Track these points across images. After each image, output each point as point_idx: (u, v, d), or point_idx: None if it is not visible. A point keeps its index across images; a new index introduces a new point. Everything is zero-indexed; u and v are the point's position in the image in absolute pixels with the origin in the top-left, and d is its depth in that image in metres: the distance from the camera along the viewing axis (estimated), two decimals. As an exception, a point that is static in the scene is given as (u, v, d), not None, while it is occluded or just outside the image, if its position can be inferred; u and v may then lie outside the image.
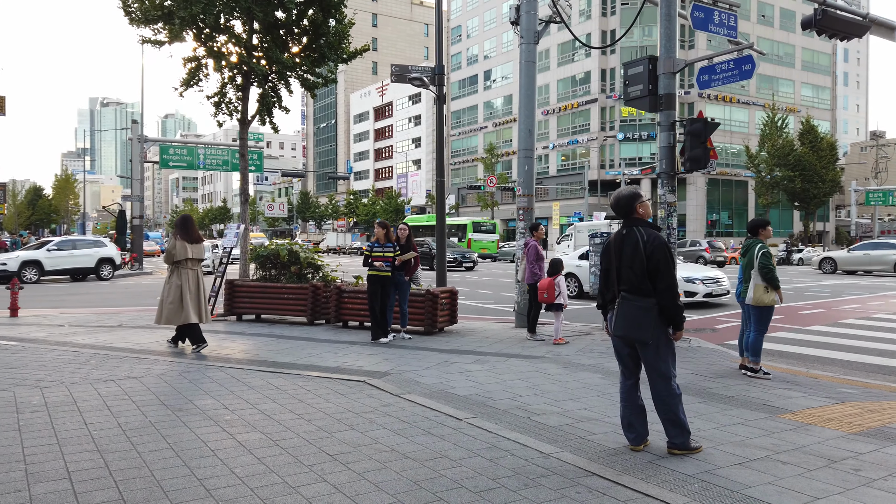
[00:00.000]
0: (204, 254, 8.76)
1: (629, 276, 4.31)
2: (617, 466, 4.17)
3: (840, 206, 72.31)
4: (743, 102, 59.21)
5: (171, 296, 8.34)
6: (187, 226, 8.60)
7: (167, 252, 8.46)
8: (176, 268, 8.44)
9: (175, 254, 8.36)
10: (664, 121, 9.39)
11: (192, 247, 8.50)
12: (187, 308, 8.31)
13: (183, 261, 8.41)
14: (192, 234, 8.56)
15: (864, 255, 26.24)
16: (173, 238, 8.48)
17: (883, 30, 11.84)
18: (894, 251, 25.52)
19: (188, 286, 8.37)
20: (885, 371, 7.88)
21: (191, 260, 8.48)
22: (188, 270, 8.45)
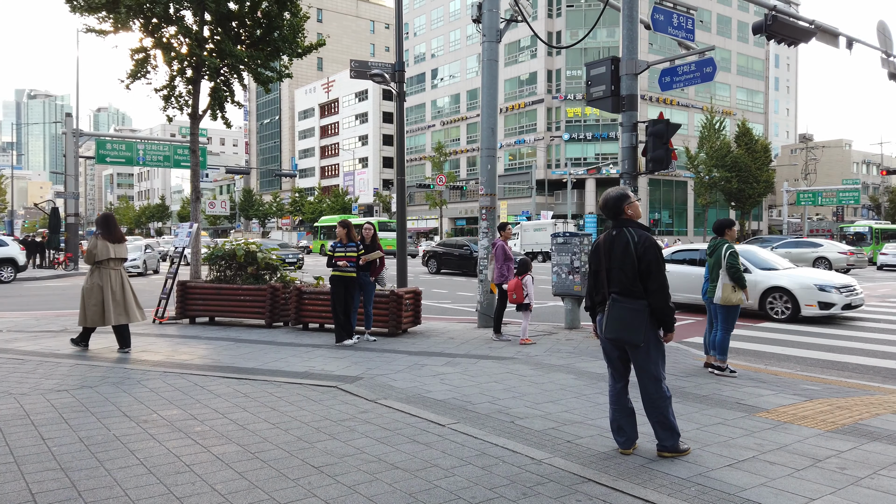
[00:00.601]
0: (126, 254, 8.59)
1: (620, 277, 4.27)
2: (611, 471, 4.12)
3: (772, 206, 75.46)
4: (683, 105, 61.06)
5: (93, 297, 8.13)
6: (109, 225, 8.42)
7: (88, 252, 8.21)
8: (97, 268, 8.21)
9: (97, 253, 8.15)
10: (626, 121, 9.49)
11: (115, 246, 8.30)
12: (109, 310, 8.11)
13: (105, 261, 8.20)
14: (115, 233, 8.38)
15: (787, 252, 27.63)
16: (94, 237, 8.24)
17: (827, 36, 12.31)
18: (813, 249, 27.02)
19: (110, 287, 8.17)
20: (838, 367, 8.16)
21: (113, 260, 8.29)
22: (110, 271, 8.25)
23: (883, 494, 3.75)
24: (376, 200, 70.98)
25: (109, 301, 8.11)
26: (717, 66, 9.23)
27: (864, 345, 9.59)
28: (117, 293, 8.22)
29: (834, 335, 10.50)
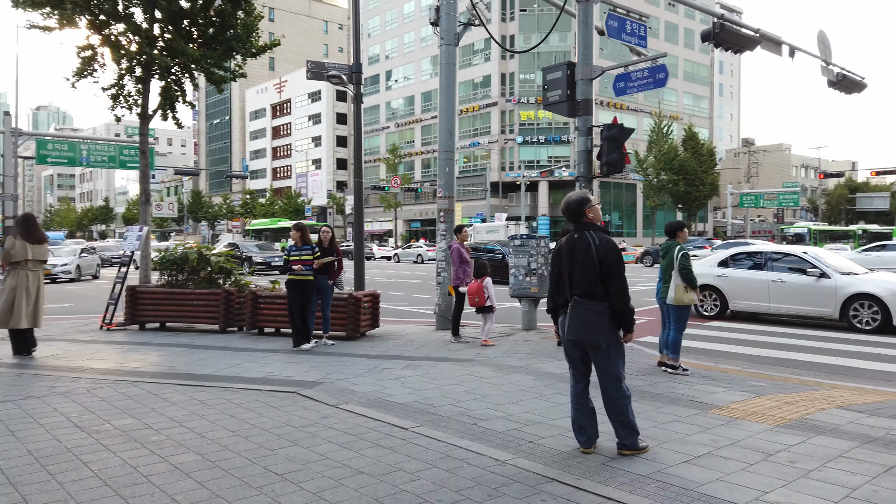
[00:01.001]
0: (46, 255, 8.39)
1: (582, 280, 4.35)
2: (573, 470, 4.19)
3: (717, 208, 77.85)
4: (632, 109, 62.47)
5: (3, 298, 7.90)
6: (29, 225, 8.24)
7: (4, 252, 7.99)
8: (14, 269, 7.97)
9: (13, 254, 7.93)
10: (582, 126, 9.67)
11: (33, 247, 8.09)
12: (20, 312, 7.91)
13: (22, 262, 7.97)
14: (34, 233, 8.18)
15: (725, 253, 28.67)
16: (12, 237, 8.03)
17: (771, 44, 12.79)
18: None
19: (25, 289, 7.96)
20: (783, 363, 8.48)
21: (31, 261, 8.07)
22: (28, 272, 8.04)
23: (831, 486, 3.93)
24: (330, 202, 70.28)
25: (22, 303, 7.88)
26: (668, 73, 9.49)
27: (805, 342, 9.98)
28: (31, 296, 8.02)
29: (775, 333, 10.89)
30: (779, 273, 11.69)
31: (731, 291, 12.23)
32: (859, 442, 4.78)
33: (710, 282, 12.44)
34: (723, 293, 12.39)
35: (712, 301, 12.58)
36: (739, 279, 12.14)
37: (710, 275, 12.50)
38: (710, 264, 12.88)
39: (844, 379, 7.42)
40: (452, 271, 9.66)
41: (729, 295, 12.29)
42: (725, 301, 12.38)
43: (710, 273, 12.54)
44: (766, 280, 11.78)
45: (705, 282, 12.24)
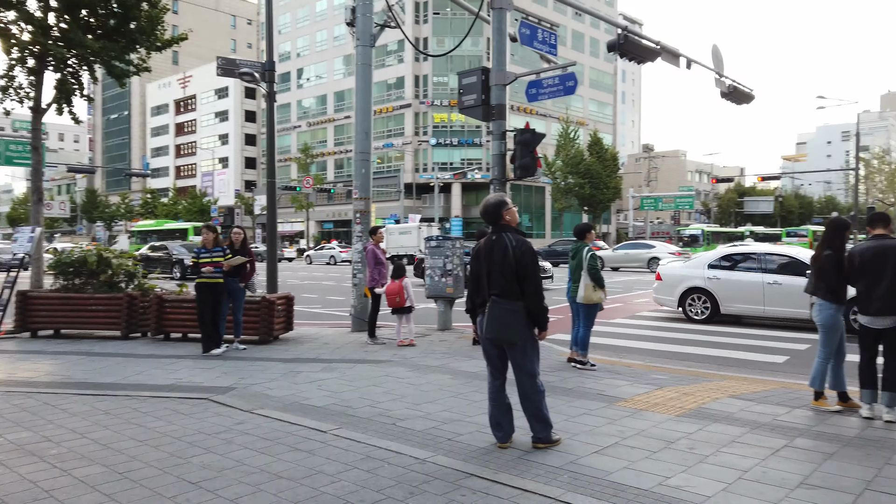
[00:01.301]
0: None
1: (500, 280, 4.49)
2: (491, 465, 4.32)
3: (620, 211, 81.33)
4: (542, 115, 64.25)
5: None
6: None
7: None
8: None
9: None
10: (496, 130, 9.89)
11: None
12: None
13: None
14: None
15: (625, 253, 30.42)
16: None
17: (670, 56, 13.56)
18: (648, 250, 29.94)
19: None
20: (681, 357, 9.03)
21: None
22: None
23: (726, 469, 4.25)
24: (238, 203, 68.05)
25: None
26: (578, 81, 9.88)
27: (700, 336, 10.65)
28: None
29: (672, 329, 11.57)
30: (774, 275, 11.21)
31: (722, 294, 11.71)
32: (749, 428, 5.18)
33: (700, 284, 11.93)
34: (714, 296, 11.80)
35: (702, 304, 12.04)
36: (732, 281, 11.64)
37: (701, 277, 11.99)
38: (699, 266, 12.29)
39: (735, 370, 7.99)
40: (368, 273, 9.65)
41: (720, 298, 11.75)
42: (717, 304, 11.82)
43: (700, 275, 12.02)
44: (761, 282, 11.26)
45: (695, 284, 11.95)
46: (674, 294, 12.40)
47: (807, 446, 4.72)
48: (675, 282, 12.49)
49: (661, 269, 13.12)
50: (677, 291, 12.34)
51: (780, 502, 3.69)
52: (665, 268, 13.20)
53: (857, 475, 4.13)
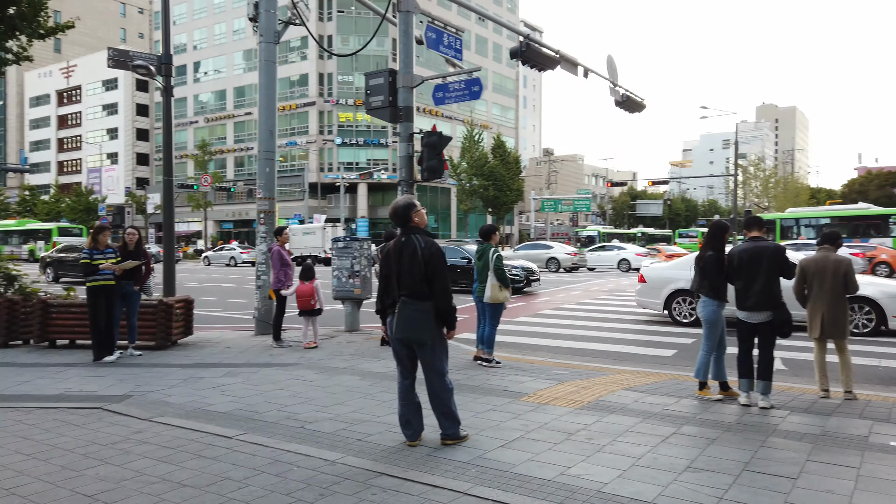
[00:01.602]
0: None
1: (409, 281, 4.56)
2: (401, 463, 4.39)
3: (522, 212, 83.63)
4: (447, 117, 65.01)
5: None
6: None
7: None
8: None
9: None
10: (403, 132, 9.97)
11: None
12: None
13: None
14: None
15: (525, 254, 31.60)
16: None
17: (569, 65, 14.12)
18: (546, 251, 31.15)
19: None
20: (580, 353, 9.46)
21: None
22: None
23: (621, 457, 4.53)
24: (128, 201, 64.35)
25: None
26: (483, 87, 10.13)
27: (598, 333, 11.20)
28: None
29: (573, 326, 12.09)
30: None
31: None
32: (642, 418, 5.53)
33: (686, 286, 11.08)
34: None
35: (689, 307, 11.52)
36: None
37: (688, 278, 10.75)
38: (686, 267, 11.06)
39: (629, 364, 8.48)
40: (273, 274, 9.45)
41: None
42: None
43: (687, 277, 10.56)
44: None
45: (681, 286, 11.32)
46: (659, 297, 11.78)
47: (692, 433, 5.11)
48: (660, 284, 11.83)
49: (645, 271, 12.47)
50: (663, 294, 11.70)
51: (669, 485, 3.99)
52: (649, 269, 12.56)
53: (736, 457, 4.51)
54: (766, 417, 5.56)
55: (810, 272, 6.34)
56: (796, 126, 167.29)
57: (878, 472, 4.21)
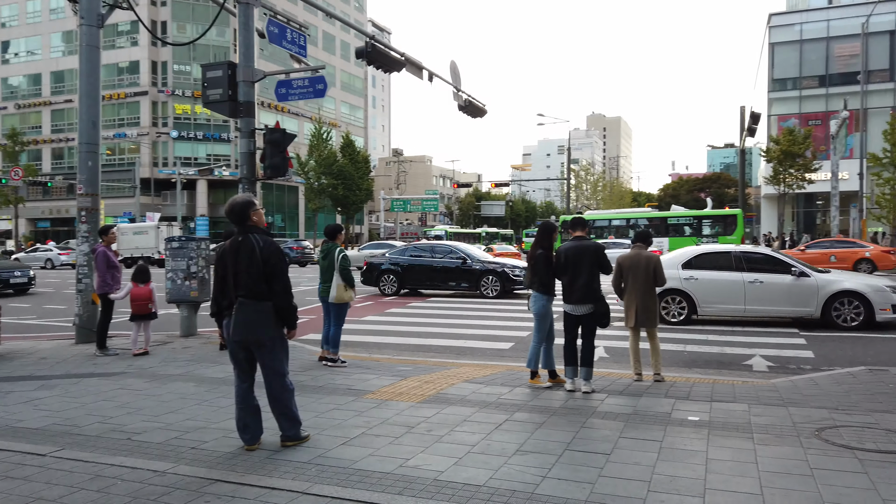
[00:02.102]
0: None
1: (247, 281, 4.46)
2: (238, 468, 4.28)
3: (372, 212, 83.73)
4: (294, 113, 63.40)
5: None
6: None
7: None
8: None
9: None
10: (244, 127, 9.64)
11: None
12: None
13: None
14: None
15: (370, 253, 31.97)
16: None
17: (414, 68, 14.43)
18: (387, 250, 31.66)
19: None
20: (425, 349, 9.72)
21: None
22: None
23: (457, 446, 4.74)
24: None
25: None
26: (328, 85, 10.04)
27: (440, 329, 11.56)
28: None
29: (419, 322, 12.38)
30: (755, 273, 10.86)
31: (700, 295, 11.12)
32: (479, 407, 5.82)
33: (676, 285, 11.16)
34: (691, 297, 11.15)
35: (678, 306, 11.35)
36: (710, 281, 11.06)
37: (676, 277, 11.16)
38: (672, 266, 11.24)
39: (470, 358, 8.85)
40: (98, 277, 8.72)
41: (698, 299, 11.14)
42: (693, 305, 11.20)
43: (675, 276, 11.11)
44: (742, 281, 10.87)
45: (671, 285, 11.09)
46: None
47: (523, 419, 5.47)
48: None
49: None
50: None
51: (499, 468, 4.25)
52: None
53: (560, 439, 4.91)
54: (588, 401, 6.08)
55: (625, 267, 7.02)
56: (621, 135, 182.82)
57: (677, 443, 4.78)
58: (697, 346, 9.52)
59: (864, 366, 7.66)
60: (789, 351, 9.01)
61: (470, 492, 3.86)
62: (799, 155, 36.12)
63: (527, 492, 3.85)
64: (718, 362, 8.44)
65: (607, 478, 4.08)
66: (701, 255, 11.57)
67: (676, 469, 4.23)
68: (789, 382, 6.78)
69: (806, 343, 9.52)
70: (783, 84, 43.22)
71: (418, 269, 17.60)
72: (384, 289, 17.77)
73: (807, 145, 36.34)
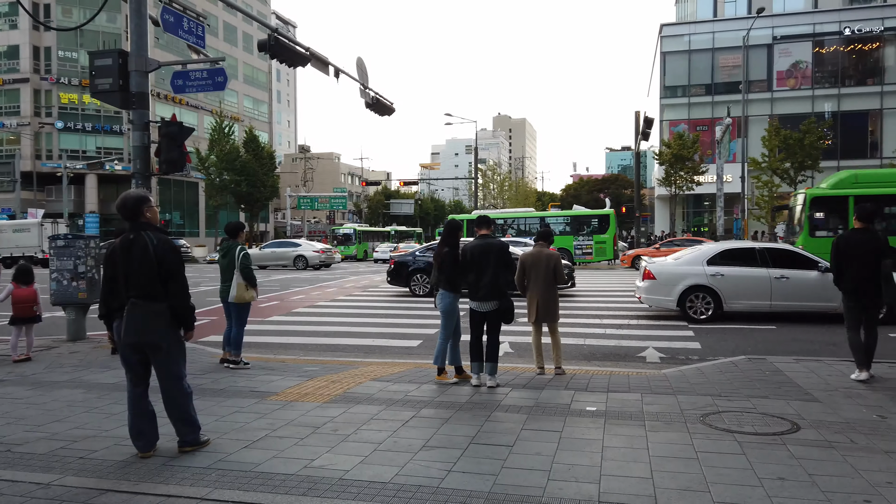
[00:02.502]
0: None
1: (140, 281, 4.25)
2: (132, 477, 4.08)
3: (278, 210, 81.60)
4: (192, 106, 60.71)
5: None
6: None
7: None
8: None
9: None
10: (137, 120, 9.15)
11: None
12: None
13: None
14: None
15: (272, 252, 31.47)
16: None
17: (320, 64, 14.17)
18: (294, 248, 31.54)
19: None
20: (332, 349, 9.62)
21: None
22: None
23: (364, 444, 4.74)
24: None
25: None
26: (228, 78, 9.70)
27: (348, 328, 11.47)
28: None
29: (326, 322, 12.23)
30: (780, 269, 11.05)
31: (727, 291, 11.27)
32: (386, 405, 5.83)
33: (703, 282, 11.35)
34: (718, 293, 11.27)
35: (703, 303, 11.43)
36: (737, 277, 11.24)
37: (702, 274, 11.39)
38: (697, 263, 11.59)
39: (379, 357, 8.84)
40: (-30, 278, 8.04)
41: (724, 295, 11.24)
42: (720, 302, 11.27)
43: (701, 272, 11.40)
44: (768, 277, 11.05)
45: (697, 282, 11.36)
46: (672, 294, 11.57)
47: (430, 415, 5.53)
48: (672, 280, 11.66)
49: (653, 268, 12.02)
50: (676, 290, 11.53)
51: (405, 465, 4.28)
52: (656, 266, 12.15)
53: (466, 433, 5.00)
54: (492, 395, 6.23)
55: (528, 265, 7.23)
56: (526, 136, 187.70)
57: (575, 433, 4.99)
58: (596, 339, 9.95)
59: (744, 355, 8.27)
60: (679, 343, 9.59)
61: (376, 489, 3.87)
62: (688, 158, 38.42)
63: (432, 486, 3.91)
64: (615, 355, 8.86)
65: (510, 469, 4.20)
66: (726, 252, 11.75)
67: (575, 457, 4.42)
68: (678, 372, 7.23)
69: (694, 335, 10.17)
70: (674, 91, 45.81)
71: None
72: (415, 289, 17.07)
73: (695, 149, 38.72)
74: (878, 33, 41.25)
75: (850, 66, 42.32)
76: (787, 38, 42.80)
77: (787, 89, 42.92)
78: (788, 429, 5.03)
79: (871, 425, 5.10)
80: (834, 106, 42.06)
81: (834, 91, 42.20)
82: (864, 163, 40.27)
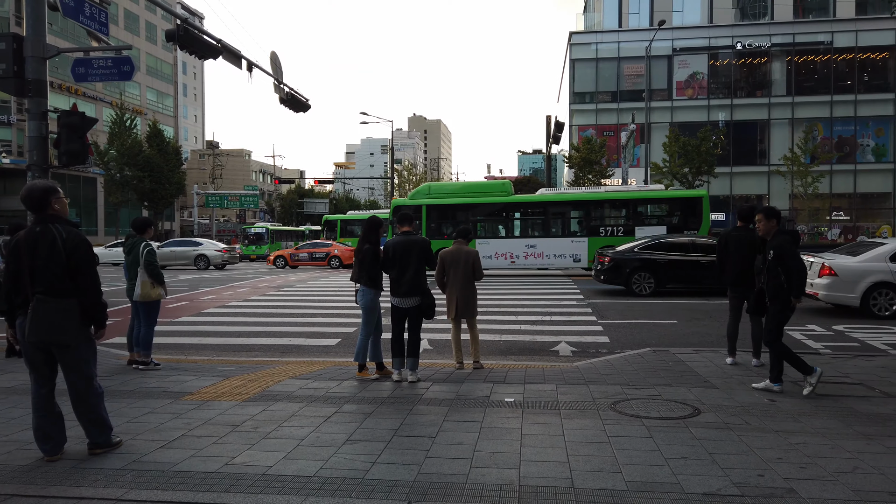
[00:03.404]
0: None
1: (47, 276, 4.04)
2: (38, 481, 3.89)
3: (184, 207, 78.29)
4: (90, 97, 57.30)
5: None
6: None
7: None
8: None
9: None
10: (35, 108, 8.60)
11: None
12: None
13: None
14: None
15: (171, 251, 30.34)
16: None
17: (232, 57, 13.78)
18: (194, 248, 30.56)
19: None
20: (246, 349, 9.40)
21: None
22: None
23: (286, 440, 4.70)
24: None
25: None
26: (136, 68, 9.28)
27: (263, 328, 11.23)
28: None
29: (240, 322, 11.92)
30: None
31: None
32: (307, 402, 5.80)
33: (888, 279, 11.40)
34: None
35: (886, 299, 11.49)
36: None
37: (886, 271, 11.40)
38: (880, 259, 11.52)
39: (296, 356, 8.73)
40: None
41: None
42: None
43: (884, 269, 11.40)
44: None
45: (880, 279, 11.43)
46: (855, 290, 11.57)
47: (352, 410, 5.55)
48: (854, 277, 11.63)
49: (833, 265, 11.88)
50: (860, 288, 11.55)
51: (329, 458, 4.30)
52: (836, 263, 11.99)
53: (388, 426, 5.06)
54: (414, 390, 6.31)
55: (447, 262, 7.37)
56: (441, 137, 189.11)
57: (495, 423, 5.15)
58: (512, 335, 10.23)
59: (649, 347, 8.76)
60: (589, 337, 10.02)
61: (300, 483, 3.87)
62: (596, 162, 39.97)
63: (357, 478, 3.95)
64: (530, 349, 9.15)
65: (433, 458, 4.30)
66: None
67: (495, 445, 4.57)
68: (589, 364, 7.57)
69: (603, 330, 10.65)
70: (582, 97, 47.53)
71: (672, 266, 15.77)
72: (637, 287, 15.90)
73: (602, 154, 40.33)
74: (765, 49, 44.42)
75: (741, 78, 45.33)
76: (686, 51, 45.34)
77: (685, 98, 45.45)
78: (690, 413, 5.40)
79: (763, 408, 5.56)
80: (727, 115, 44.91)
81: (727, 101, 45.08)
82: (754, 169, 43.34)
